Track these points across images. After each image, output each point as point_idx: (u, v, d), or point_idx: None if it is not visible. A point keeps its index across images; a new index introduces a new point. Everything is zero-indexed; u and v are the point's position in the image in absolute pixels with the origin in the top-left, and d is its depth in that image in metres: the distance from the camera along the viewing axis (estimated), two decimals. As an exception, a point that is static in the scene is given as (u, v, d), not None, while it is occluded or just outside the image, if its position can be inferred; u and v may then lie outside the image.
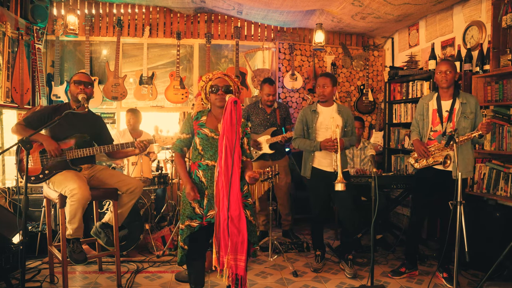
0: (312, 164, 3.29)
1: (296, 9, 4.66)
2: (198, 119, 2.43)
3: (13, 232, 3.09)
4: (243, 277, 2.25)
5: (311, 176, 3.31)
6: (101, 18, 5.09)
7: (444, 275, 3.07)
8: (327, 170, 3.24)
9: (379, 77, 5.55)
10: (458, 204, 2.35)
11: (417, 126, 3.23)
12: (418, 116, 3.20)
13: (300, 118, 3.36)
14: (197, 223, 2.35)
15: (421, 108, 3.17)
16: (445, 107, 3.02)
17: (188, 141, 2.46)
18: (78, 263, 2.77)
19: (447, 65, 2.99)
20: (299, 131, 3.35)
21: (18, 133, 2.78)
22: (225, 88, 2.34)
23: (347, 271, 3.25)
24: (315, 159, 3.28)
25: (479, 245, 3.14)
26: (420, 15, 4.52)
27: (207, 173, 2.37)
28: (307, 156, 3.34)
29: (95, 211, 3.27)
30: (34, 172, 2.79)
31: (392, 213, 4.55)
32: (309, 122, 3.30)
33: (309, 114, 3.32)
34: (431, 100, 3.12)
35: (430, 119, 3.09)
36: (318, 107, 3.32)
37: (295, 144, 3.36)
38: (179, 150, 2.47)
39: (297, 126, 3.38)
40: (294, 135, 3.40)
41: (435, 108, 3.08)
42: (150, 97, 4.98)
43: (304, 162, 3.37)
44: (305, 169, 3.36)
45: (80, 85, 2.89)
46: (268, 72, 5.27)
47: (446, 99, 3.04)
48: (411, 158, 3.20)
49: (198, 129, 2.39)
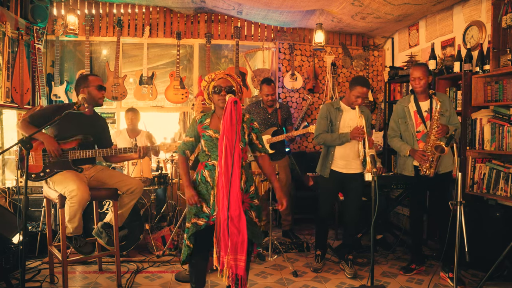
0: (331, 165, 3.25)
1: (296, 9, 4.66)
2: (202, 122, 2.43)
3: (13, 232, 3.09)
4: (243, 277, 2.25)
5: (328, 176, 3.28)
6: (101, 18, 5.09)
7: (450, 275, 3.07)
8: (342, 172, 3.23)
9: (379, 77, 5.55)
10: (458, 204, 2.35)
11: (397, 130, 3.33)
12: (399, 120, 3.30)
13: (323, 114, 3.27)
14: (204, 222, 2.35)
15: (401, 111, 3.29)
16: (424, 108, 3.20)
17: (191, 145, 2.46)
18: (88, 254, 2.86)
19: (419, 72, 3.14)
20: (324, 126, 3.25)
21: (22, 129, 2.80)
22: (228, 89, 2.34)
23: (347, 271, 3.25)
24: (334, 161, 3.24)
25: (479, 245, 3.14)
26: (420, 15, 4.52)
27: (213, 173, 2.37)
28: (327, 156, 3.27)
29: (95, 211, 3.27)
30: (35, 170, 2.80)
31: (392, 213, 4.55)
32: (333, 119, 3.24)
33: (332, 111, 3.25)
34: (409, 103, 3.27)
35: (414, 120, 3.23)
36: (342, 105, 3.26)
37: (319, 140, 3.25)
38: (181, 153, 2.49)
39: (320, 122, 3.28)
40: (316, 132, 3.29)
41: (415, 109, 3.23)
42: (150, 97, 4.98)
43: (323, 161, 3.30)
44: (323, 168, 3.28)
45: (103, 90, 2.98)
46: (268, 72, 5.27)
47: (423, 100, 3.22)
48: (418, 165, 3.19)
49: (202, 132, 2.40)
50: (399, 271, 3.33)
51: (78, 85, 2.95)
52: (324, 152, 3.34)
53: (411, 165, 3.21)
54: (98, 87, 2.94)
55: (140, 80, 4.96)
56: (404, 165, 3.26)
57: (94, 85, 2.93)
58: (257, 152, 2.49)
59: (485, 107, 3.57)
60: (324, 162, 3.30)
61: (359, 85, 3.07)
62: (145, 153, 2.94)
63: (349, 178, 3.23)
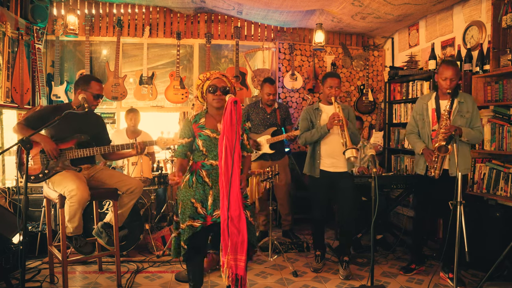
0: (319, 165, 3.25)
1: (296, 9, 4.66)
2: (197, 121, 2.43)
3: (13, 232, 3.09)
4: (243, 277, 2.25)
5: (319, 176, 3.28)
6: (101, 18, 5.09)
7: (450, 275, 3.07)
8: (330, 171, 3.23)
9: (379, 77, 5.55)
10: (458, 204, 2.35)
11: (415, 126, 3.25)
12: (418, 116, 3.22)
13: (304, 117, 3.33)
14: (200, 223, 2.35)
15: (421, 107, 3.20)
16: (443, 107, 3.05)
17: (190, 145, 2.45)
18: (88, 254, 2.85)
19: (453, 72, 2.94)
20: (305, 128, 3.30)
21: (18, 132, 2.78)
22: (223, 89, 2.35)
23: (340, 272, 3.24)
24: (321, 159, 3.25)
25: (479, 245, 3.14)
26: (420, 15, 4.52)
27: (211, 173, 2.37)
28: (313, 155, 3.28)
29: (95, 211, 3.27)
30: (34, 172, 2.80)
31: (392, 213, 4.55)
32: (313, 119, 3.29)
33: (312, 113, 3.31)
34: (430, 100, 3.16)
35: (431, 118, 3.12)
36: (321, 106, 3.32)
37: (301, 140, 3.29)
38: (183, 156, 2.43)
39: (302, 125, 3.34)
40: (299, 134, 3.35)
41: (433, 107, 3.11)
42: (150, 97, 4.98)
43: (310, 161, 3.31)
44: (313, 168, 3.29)
45: (99, 99, 2.97)
46: (268, 72, 5.27)
47: (444, 99, 3.06)
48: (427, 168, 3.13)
49: (199, 132, 2.39)
50: (399, 271, 3.32)
51: (78, 85, 2.93)
52: (310, 151, 3.34)
53: (423, 164, 3.13)
54: (95, 96, 2.92)
55: (140, 80, 4.96)
56: (417, 163, 3.20)
57: (92, 92, 2.91)
58: (244, 152, 2.48)
59: (485, 107, 3.57)
60: (312, 162, 3.31)
61: (329, 76, 3.21)
62: (142, 148, 2.92)
63: (338, 177, 3.23)
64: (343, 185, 3.23)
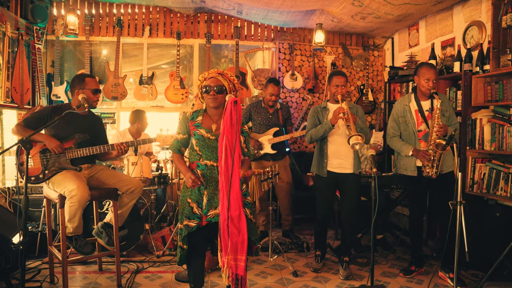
0: (327, 164, 3.25)
1: (296, 9, 4.66)
2: (194, 119, 2.43)
3: (13, 232, 3.09)
4: (243, 277, 2.25)
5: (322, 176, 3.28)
6: (101, 18, 5.09)
7: (450, 275, 3.07)
8: (336, 172, 3.23)
9: (379, 77, 5.55)
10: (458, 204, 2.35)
11: (397, 129, 3.30)
12: (400, 119, 3.27)
13: (311, 115, 3.34)
14: (195, 223, 2.36)
15: (402, 110, 3.26)
16: (425, 107, 3.17)
17: (185, 141, 2.47)
18: (88, 254, 2.85)
19: (434, 73, 3.10)
20: (311, 125, 3.30)
21: (18, 133, 2.78)
22: (218, 89, 2.34)
23: (341, 273, 3.24)
24: (328, 160, 3.25)
25: (479, 245, 3.14)
26: (420, 15, 4.52)
27: (206, 173, 2.37)
28: (321, 154, 3.28)
29: (95, 211, 3.27)
30: (34, 172, 2.80)
31: (392, 213, 4.55)
32: (320, 118, 3.29)
33: (319, 111, 3.32)
34: (410, 102, 3.24)
35: (415, 119, 3.19)
36: (328, 105, 3.32)
37: (307, 138, 3.28)
38: (177, 151, 2.50)
39: (309, 123, 3.34)
40: (306, 131, 3.34)
41: (416, 108, 3.20)
42: (150, 97, 4.98)
43: (318, 160, 3.30)
44: (320, 167, 3.28)
45: (98, 93, 2.95)
46: (268, 72, 5.27)
47: (424, 100, 3.19)
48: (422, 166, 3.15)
49: (194, 130, 2.40)
50: (399, 272, 3.32)
51: (74, 85, 2.92)
52: (317, 150, 3.35)
53: (414, 165, 3.16)
54: (93, 91, 2.92)
55: (140, 80, 4.96)
56: (407, 165, 3.21)
57: (90, 88, 2.90)
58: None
59: (485, 107, 3.57)
60: (319, 161, 3.30)
61: (335, 75, 3.21)
62: (125, 149, 2.85)
63: (344, 178, 3.23)
64: (348, 187, 3.24)
